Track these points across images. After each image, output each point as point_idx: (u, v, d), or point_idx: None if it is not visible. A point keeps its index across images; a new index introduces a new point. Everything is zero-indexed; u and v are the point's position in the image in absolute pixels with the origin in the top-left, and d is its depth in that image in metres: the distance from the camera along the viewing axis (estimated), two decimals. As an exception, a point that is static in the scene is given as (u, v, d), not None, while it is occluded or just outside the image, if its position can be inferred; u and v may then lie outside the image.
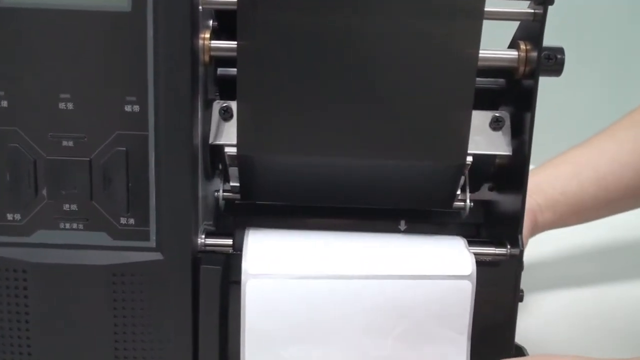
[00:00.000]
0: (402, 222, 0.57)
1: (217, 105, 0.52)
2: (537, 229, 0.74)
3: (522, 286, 0.54)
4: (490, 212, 0.58)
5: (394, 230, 0.57)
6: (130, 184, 0.49)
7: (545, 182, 0.74)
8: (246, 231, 0.53)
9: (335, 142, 0.51)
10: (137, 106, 0.48)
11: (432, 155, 0.51)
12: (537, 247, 0.76)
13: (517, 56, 0.51)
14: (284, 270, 0.51)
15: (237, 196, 0.56)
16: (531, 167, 0.52)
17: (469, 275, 0.52)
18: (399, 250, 0.53)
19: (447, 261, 0.52)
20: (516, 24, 0.53)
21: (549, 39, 0.50)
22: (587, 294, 0.78)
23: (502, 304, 0.53)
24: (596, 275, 0.81)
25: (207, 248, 0.53)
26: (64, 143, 0.49)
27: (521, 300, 0.54)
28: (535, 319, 0.72)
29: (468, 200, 0.55)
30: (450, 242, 0.54)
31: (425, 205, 0.57)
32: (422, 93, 0.50)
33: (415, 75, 0.50)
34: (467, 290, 0.52)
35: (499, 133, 0.53)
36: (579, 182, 0.74)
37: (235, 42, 0.49)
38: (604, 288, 0.79)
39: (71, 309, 0.51)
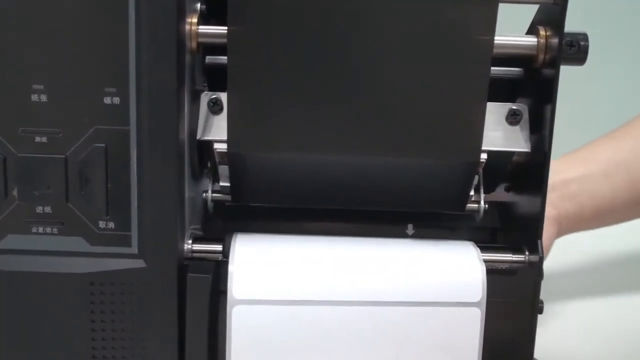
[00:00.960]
0: (410, 227, 0.56)
1: (205, 97, 0.52)
2: (559, 234, 0.74)
3: (541, 296, 0.53)
4: (506, 215, 0.57)
5: (400, 235, 0.56)
6: (109, 184, 0.49)
7: (575, 182, 0.73)
8: (233, 240, 0.52)
9: (336, 139, 0.50)
10: (118, 98, 0.48)
11: (442, 153, 0.50)
12: (557, 254, 0.75)
13: (536, 43, 0.51)
14: (275, 295, 0.50)
15: (228, 197, 0.55)
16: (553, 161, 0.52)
17: (478, 302, 0.51)
18: (400, 267, 0.51)
19: (454, 283, 0.51)
20: (535, 7, 0.53)
21: (572, 24, 0.50)
22: (613, 304, 0.77)
23: (519, 317, 0.53)
24: (622, 284, 0.81)
25: (195, 255, 0.52)
26: (37, 139, 0.48)
27: (540, 312, 0.53)
28: (556, 332, 0.71)
29: (482, 202, 0.55)
30: (459, 253, 0.53)
31: (434, 208, 0.56)
32: (431, 83, 0.49)
33: (423, 63, 0.49)
34: (476, 319, 0.51)
35: (516, 128, 0.52)
36: (611, 186, 0.74)
37: (226, 28, 0.49)
38: (631, 298, 0.78)
39: (45, 321, 0.50)
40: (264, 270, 0.51)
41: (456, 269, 0.51)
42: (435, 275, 0.51)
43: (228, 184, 0.54)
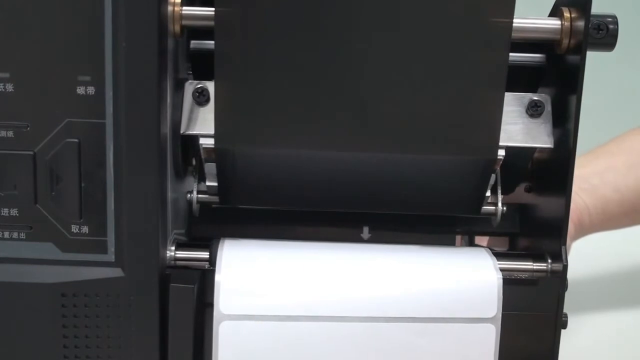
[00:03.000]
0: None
1: (190, 87, 0.51)
2: (581, 232, 0.73)
3: (565, 308, 0.52)
4: (527, 218, 0.57)
5: (406, 241, 0.56)
6: (83, 184, 0.49)
7: (596, 175, 0.73)
8: (220, 247, 0.52)
9: (336, 133, 0.50)
10: (92, 88, 0.48)
11: (454, 149, 0.50)
12: (581, 259, 0.75)
13: (559, 26, 0.51)
14: (267, 310, 0.50)
15: (215, 199, 0.55)
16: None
17: (492, 318, 0.50)
18: (406, 279, 0.51)
19: (467, 297, 0.51)
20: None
21: (599, 5, 0.49)
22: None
23: (540, 331, 0.52)
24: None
25: (178, 263, 0.52)
26: (3, 133, 0.48)
27: (564, 326, 0.52)
28: (574, 348, 0.71)
29: (500, 204, 0.55)
30: (473, 263, 0.52)
31: (447, 211, 0.56)
32: (443, 71, 0.49)
33: (434, 49, 0.49)
34: (490, 336, 0.50)
35: (538, 120, 0.52)
36: (636, 177, 0.74)
37: (213, 9, 0.48)
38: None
39: (12, 335, 0.50)
40: (255, 281, 0.50)
41: (469, 281, 0.51)
42: (446, 287, 0.51)
43: (215, 184, 0.54)
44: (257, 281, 0.50)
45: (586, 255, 0.76)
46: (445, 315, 0.50)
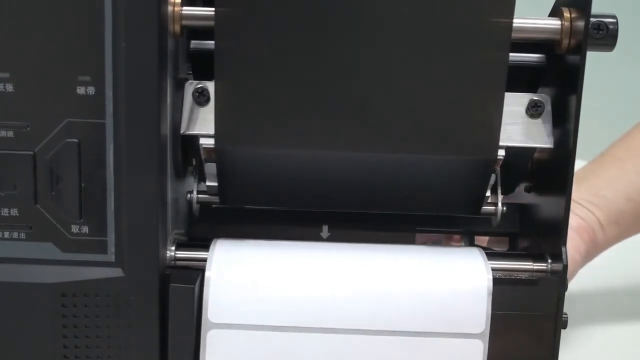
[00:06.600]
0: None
1: (190, 87, 0.51)
2: (595, 249, 0.72)
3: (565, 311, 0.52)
4: (527, 218, 0.57)
5: (405, 241, 0.56)
6: (83, 184, 0.49)
7: (607, 185, 0.72)
8: (211, 249, 0.51)
9: (336, 133, 0.50)
10: (92, 88, 0.48)
11: (454, 149, 0.50)
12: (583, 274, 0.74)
13: (559, 26, 0.51)
14: (255, 319, 0.49)
15: (215, 199, 0.55)
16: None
17: (480, 334, 0.50)
18: (394, 289, 0.51)
19: (454, 310, 0.50)
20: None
21: (599, 5, 0.50)
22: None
23: (541, 332, 0.52)
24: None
25: (178, 263, 0.52)
26: (3, 133, 0.48)
27: (564, 326, 0.52)
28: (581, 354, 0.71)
29: (500, 204, 0.55)
30: (463, 270, 0.51)
31: (446, 211, 0.56)
32: (443, 71, 0.49)
33: (434, 49, 0.49)
34: (477, 352, 0.50)
35: (538, 121, 0.52)
36: None
37: (213, 9, 0.48)
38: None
39: (11, 336, 0.50)
40: (243, 290, 0.50)
41: (457, 292, 0.50)
42: (433, 299, 0.50)
43: (215, 184, 0.54)
44: (246, 290, 0.50)
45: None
46: (431, 330, 0.50)
